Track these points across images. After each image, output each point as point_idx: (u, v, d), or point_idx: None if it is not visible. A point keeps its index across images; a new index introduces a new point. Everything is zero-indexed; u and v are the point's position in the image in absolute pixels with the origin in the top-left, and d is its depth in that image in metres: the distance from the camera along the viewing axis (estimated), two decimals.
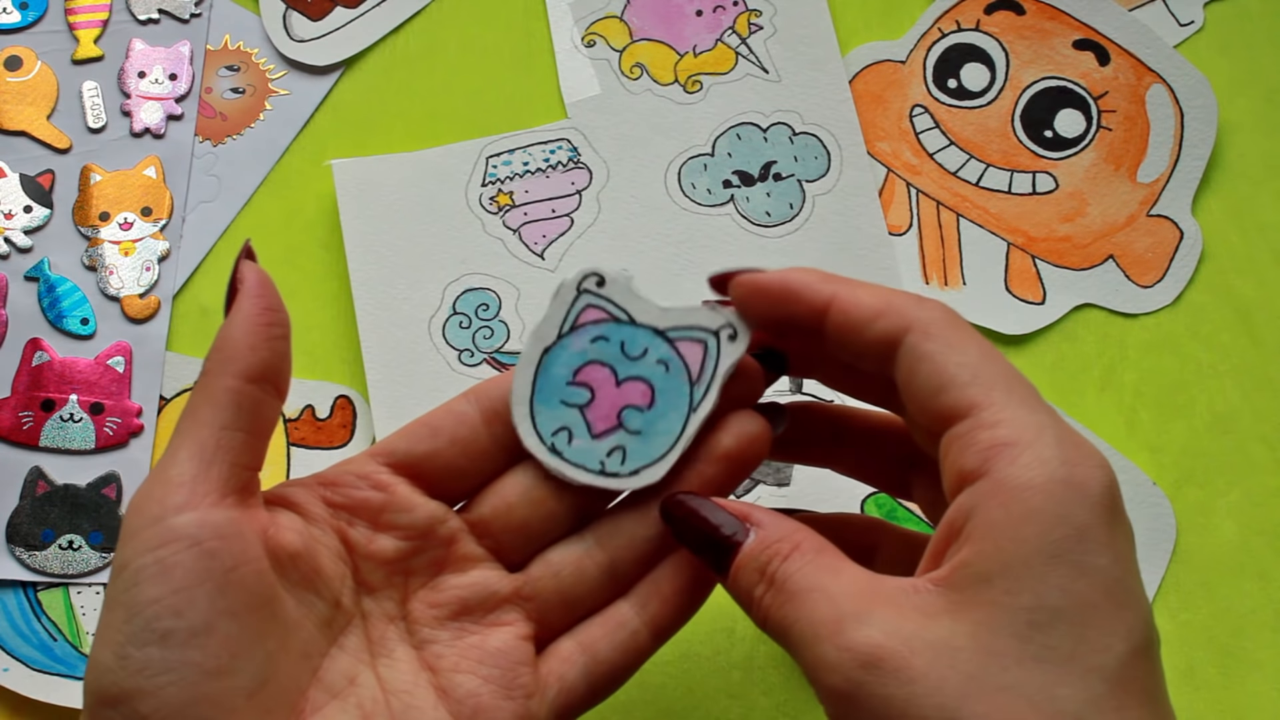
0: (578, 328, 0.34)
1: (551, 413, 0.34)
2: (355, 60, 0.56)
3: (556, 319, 0.34)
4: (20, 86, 0.55)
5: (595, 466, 0.33)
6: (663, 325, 0.34)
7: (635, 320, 0.34)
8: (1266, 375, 0.50)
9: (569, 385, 0.34)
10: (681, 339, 0.34)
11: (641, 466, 0.33)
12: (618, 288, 0.34)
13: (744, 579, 0.31)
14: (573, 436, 0.34)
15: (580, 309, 0.34)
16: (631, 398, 0.34)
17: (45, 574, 0.48)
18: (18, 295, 0.52)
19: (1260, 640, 0.46)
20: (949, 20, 0.55)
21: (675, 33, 0.55)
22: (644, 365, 0.34)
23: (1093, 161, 0.53)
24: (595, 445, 0.33)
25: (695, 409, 0.33)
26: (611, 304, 0.34)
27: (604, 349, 0.34)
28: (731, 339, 0.33)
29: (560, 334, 0.34)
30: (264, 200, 0.54)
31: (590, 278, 0.34)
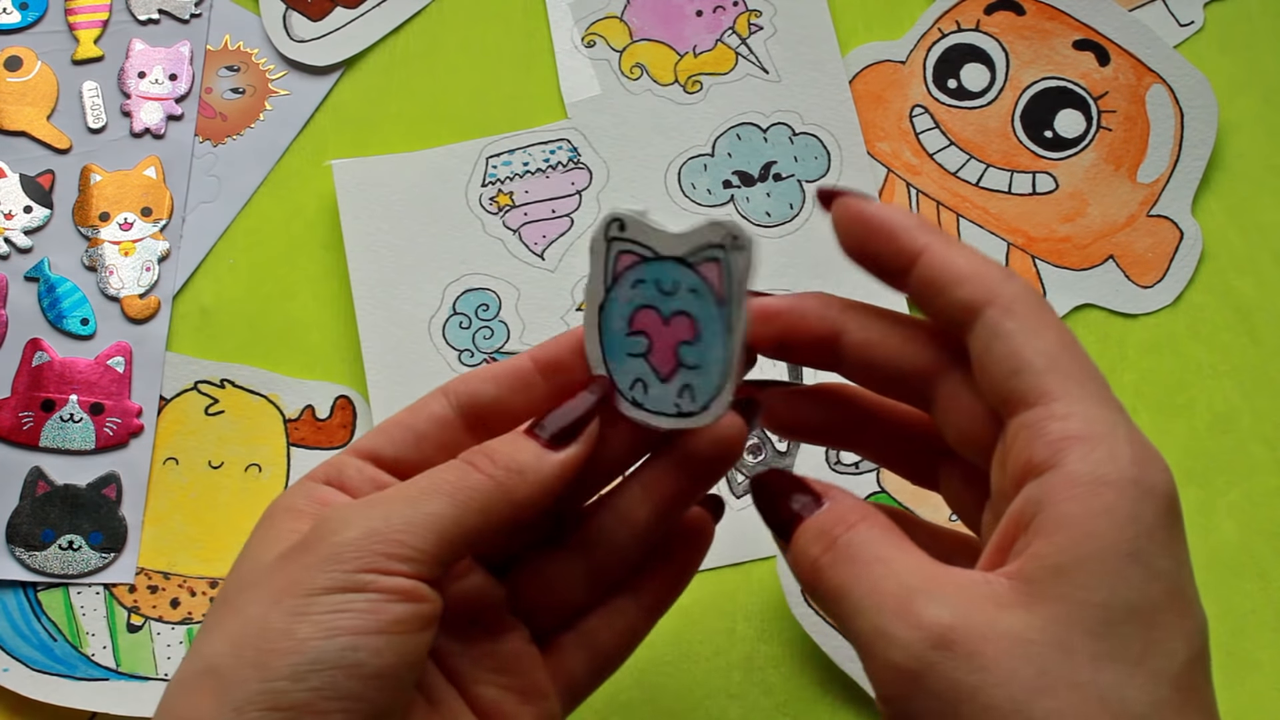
0: (618, 277, 0.34)
1: (624, 368, 0.34)
2: (355, 60, 0.56)
3: (599, 274, 0.34)
4: (20, 87, 0.55)
5: (672, 409, 0.34)
6: (682, 252, 0.34)
7: (660, 254, 0.34)
8: (1266, 375, 0.50)
9: (628, 336, 0.34)
10: (700, 262, 0.34)
11: (709, 400, 0.33)
12: (636, 227, 0.34)
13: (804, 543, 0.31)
14: (647, 386, 0.34)
15: (615, 257, 0.34)
16: (680, 333, 0.34)
17: (45, 574, 0.48)
18: (18, 295, 0.52)
19: (1260, 640, 0.46)
20: (949, 20, 0.55)
21: (675, 33, 0.55)
22: (680, 298, 0.34)
23: (1093, 162, 0.53)
24: (666, 389, 0.34)
25: (731, 330, 0.33)
26: (637, 244, 0.34)
27: (644, 291, 0.34)
28: (736, 248, 0.33)
29: (606, 288, 0.34)
30: (264, 200, 0.54)
31: (613, 224, 0.34)
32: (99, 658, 0.47)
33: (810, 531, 0.31)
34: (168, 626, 0.47)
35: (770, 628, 0.46)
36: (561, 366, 0.34)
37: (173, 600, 0.48)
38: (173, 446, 0.50)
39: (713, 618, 0.47)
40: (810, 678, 0.46)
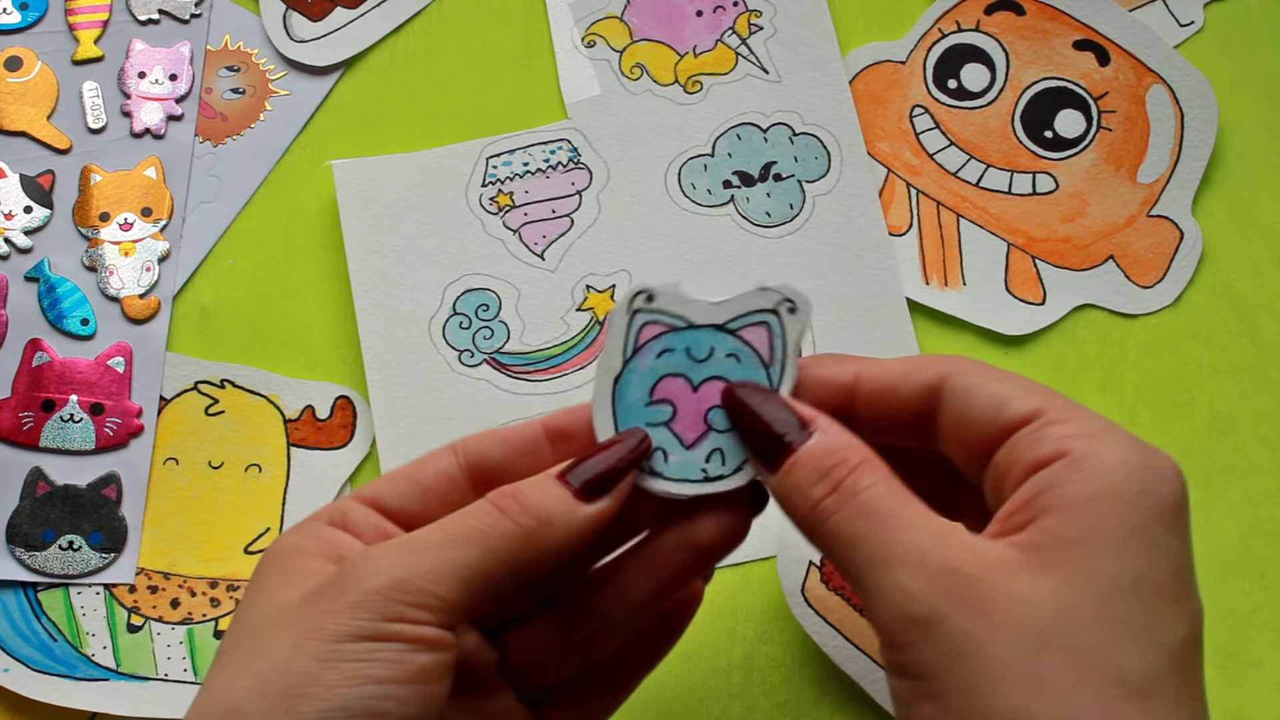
0: (640, 348, 0.34)
1: None
2: (355, 60, 0.56)
3: (618, 346, 0.34)
4: (20, 87, 0.55)
5: (698, 475, 0.33)
6: (721, 320, 0.33)
7: (694, 323, 0.34)
8: (1266, 375, 0.50)
9: (649, 406, 0.33)
10: (743, 327, 0.33)
11: (742, 461, 0.33)
12: (668, 298, 0.34)
13: (801, 477, 0.31)
14: (668, 455, 0.33)
15: (638, 329, 0.34)
16: (713, 399, 0.33)
17: (45, 574, 0.48)
18: (18, 296, 0.52)
19: (1260, 640, 0.46)
20: (949, 20, 0.55)
21: (675, 33, 0.55)
22: (715, 364, 0.33)
23: (1093, 162, 0.53)
24: (692, 455, 0.33)
25: (778, 388, 0.33)
26: (666, 314, 0.34)
27: (672, 360, 0.34)
28: (792, 312, 0.33)
29: (625, 359, 0.34)
30: (264, 200, 0.54)
31: (639, 295, 0.34)
32: (99, 658, 0.47)
33: (808, 468, 0.31)
34: (168, 627, 0.47)
35: (770, 628, 0.46)
36: (572, 437, 0.34)
37: (173, 600, 0.48)
38: (173, 446, 0.50)
39: (713, 618, 0.47)
40: (810, 678, 0.46)
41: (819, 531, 0.31)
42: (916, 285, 0.51)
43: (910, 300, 0.51)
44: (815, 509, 0.31)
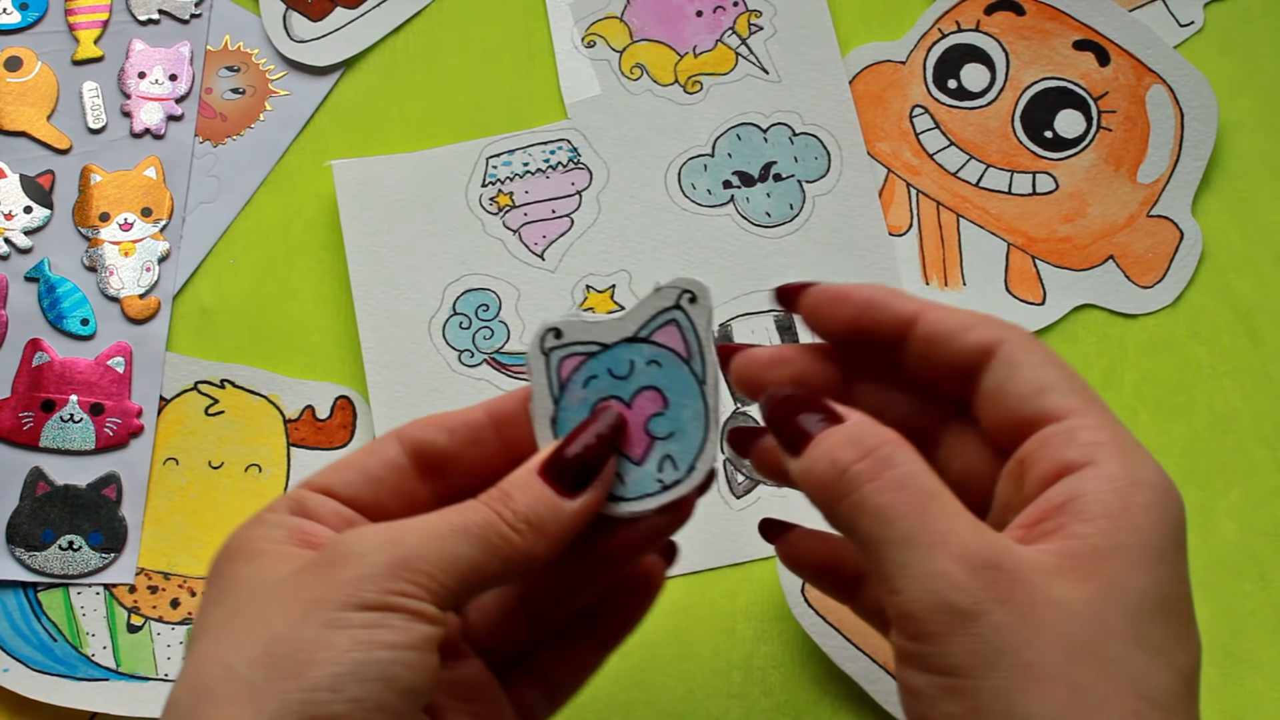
0: (566, 383, 0.34)
1: None
2: (355, 60, 0.56)
3: (544, 388, 0.34)
4: (20, 87, 0.55)
5: (655, 487, 0.33)
6: (631, 331, 0.34)
7: (607, 344, 0.34)
8: (1266, 375, 0.50)
9: None
10: (654, 331, 0.34)
11: (694, 459, 0.33)
12: (574, 328, 0.34)
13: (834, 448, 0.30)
14: (623, 477, 0.34)
15: (557, 365, 0.34)
16: (647, 409, 0.34)
17: (45, 574, 0.48)
18: (18, 296, 0.52)
19: (1260, 640, 0.46)
20: (949, 21, 0.55)
21: (675, 33, 0.55)
22: (640, 375, 0.34)
23: (1093, 162, 0.53)
24: (644, 470, 0.33)
25: (704, 380, 0.33)
26: (578, 345, 0.34)
27: (599, 385, 0.34)
28: (693, 301, 0.34)
29: (555, 399, 0.34)
30: (264, 200, 0.54)
31: (548, 334, 0.34)
32: (99, 658, 0.47)
33: (837, 437, 0.31)
34: (168, 627, 0.47)
35: (770, 628, 0.46)
36: (516, 420, 0.34)
37: (173, 600, 0.48)
38: (173, 446, 0.50)
39: (713, 618, 0.47)
40: (810, 678, 0.46)
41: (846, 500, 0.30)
42: (916, 285, 0.51)
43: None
44: (844, 474, 0.30)
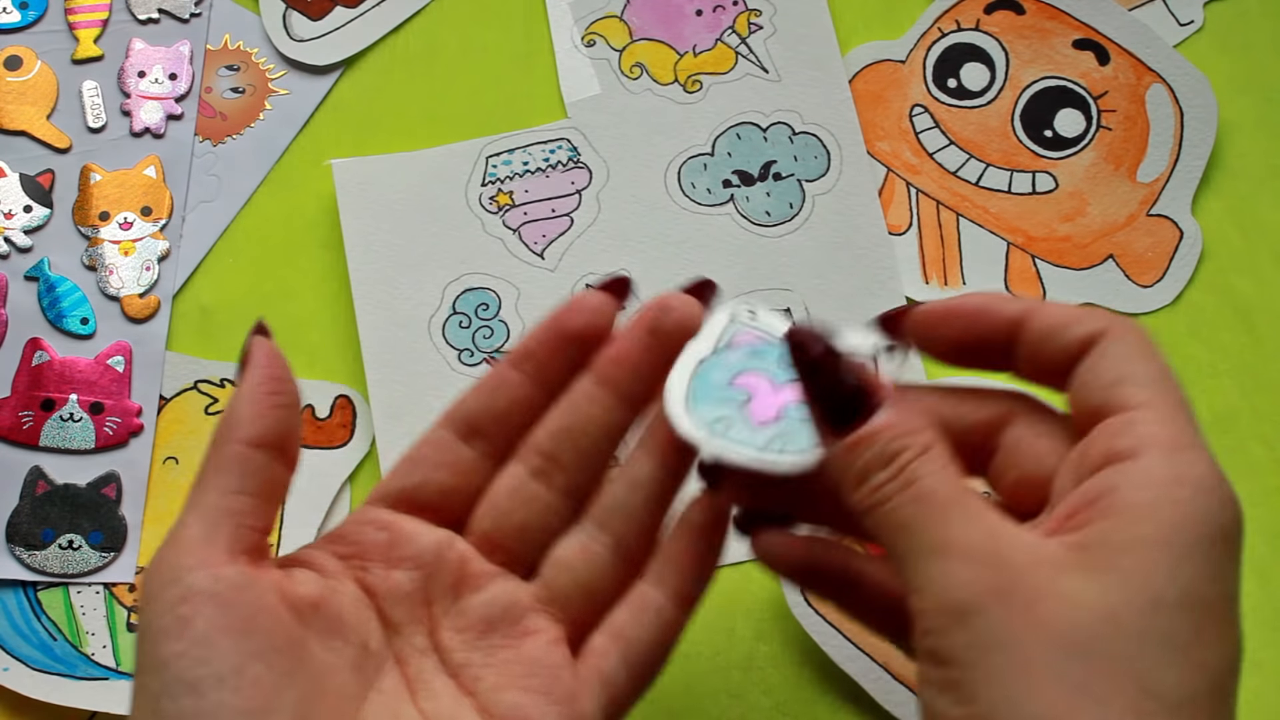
0: (733, 345, 0.34)
1: (710, 406, 0.34)
2: (355, 60, 0.56)
3: (712, 336, 0.34)
4: (20, 86, 0.55)
5: (757, 447, 0.33)
6: None
7: None
8: (1266, 375, 0.50)
9: (728, 387, 0.34)
10: None
11: (806, 448, 0.32)
12: (773, 321, 0.35)
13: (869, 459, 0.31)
14: (732, 425, 0.33)
15: (734, 332, 0.35)
16: (793, 397, 0.33)
17: (45, 574, 0.48)
18: (18, 295, 0.52)
19: (1260, 640, 0.46)
20: (949, 20, 0.55)
21: (675, 32, 0.55)
22: None
23: (1093, 161, 0.53)
24: (756, 432, 0.33)
25: None
26: (766, 330, 0.35)
27: (760, 361, 0.34)
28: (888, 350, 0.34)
29: (716, 350, 0.34)
30: (264, 200, 0.54)
31: (745, 310, 0.35)
32: (99, 657, 0.47)
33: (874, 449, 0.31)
34: None
35: (770, 628, 0.46)
36: (533, 356, 0.35)
37: None
38: (173, 446, 0.50)
39: (713, 617, 0.47)
40: (810, 678, 0.46)
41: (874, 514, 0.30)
42: (916, 284, 0.51)
43: (910, 299, 0.51)
44: (876, 492, 0.30)
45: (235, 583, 0.30)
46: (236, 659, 0.29)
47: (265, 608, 0.31)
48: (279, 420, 0.33)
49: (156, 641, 0.30)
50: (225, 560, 0.31)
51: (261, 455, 0.33)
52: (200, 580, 0.30)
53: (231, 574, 0.30)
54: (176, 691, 0.29)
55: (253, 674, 0.29)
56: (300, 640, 0.31)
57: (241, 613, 0.30)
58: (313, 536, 0.48)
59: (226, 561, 0.31)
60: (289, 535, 0.48)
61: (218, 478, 0.32)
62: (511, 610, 0.34)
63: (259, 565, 0.32)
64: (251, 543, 0.32)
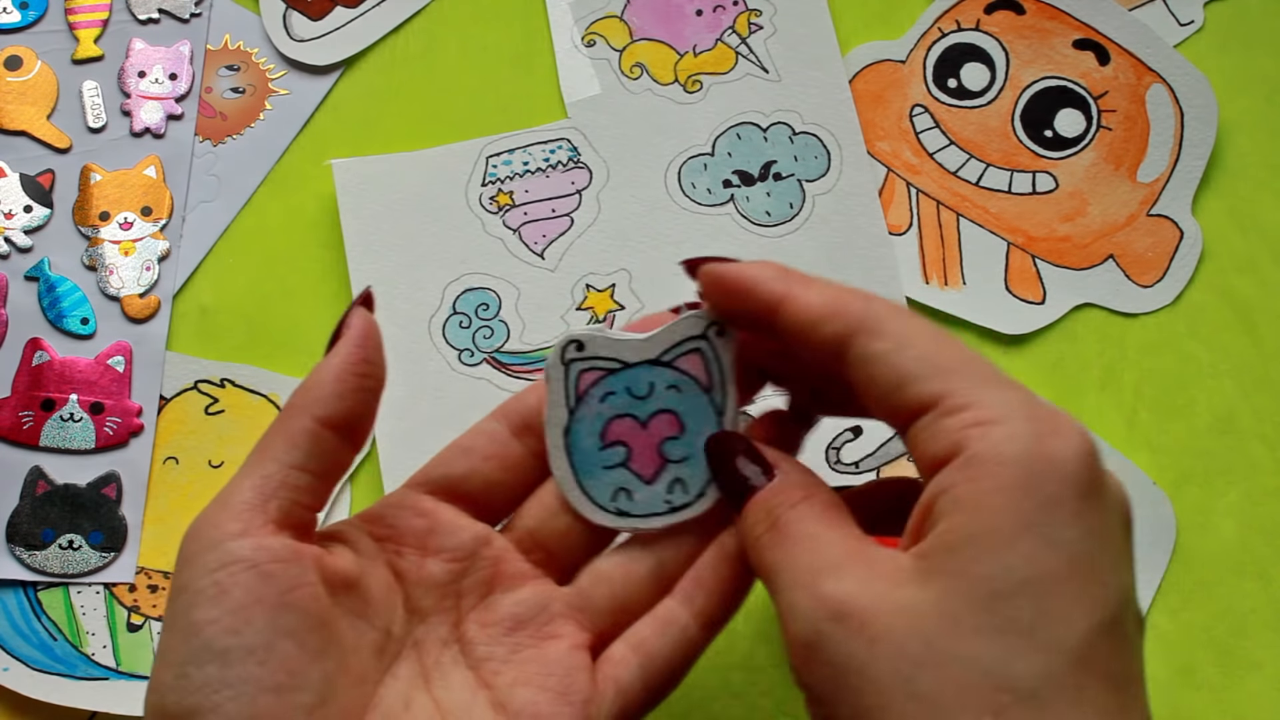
0: (583, 396, 0.34)
1: (600, 482, 0.34)
2: (355, 60, 0.56)
3: (559, 398, 0.34)
4: (20, 86, 0.55)
5: (663, 508, 0.34)
6: (655, 353, 0.34)
7: (628, 362, 0.34)
8: (1266, 375, 0.50)
9: (603, 450, 0.34)
10: (677, 357, 0.34)
11: (705, 486, 0.34)
12: (597, 343, 0.34)
13: (752, 519, 0.32)
14: (631, 493, 0.34)
15: (575, 377, 0.35)
16: (663, 431, 0.34)
17: (45, 574, 0.48)
18: (18, 295, 0.52)
19: (1260, 640, 0.46)
20: (949, 20, 0.55)
21: (675, 32, 0.55)
22: (658, 398, 0.34)
23: (1093, 161, 0.53)
24: (654, 489, 0.34)
25: (723, 411, 0.34)
26: (600, 359, 0.34)
27: (615, 402, 0.34)
28: (721, 334, 0.34)
29: (570, 410, 0.34)
30: (264, 200, 0.54)
31: (570, 346, 0.35)
32: (99, 657, 0.47)
33: (759, 508, 0.32)
34: None
35: (770, 628, 0.46)
36: None
37: None
38: (173, 446, 0.50)
39: None
40: None
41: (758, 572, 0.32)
42: (916, 284, 0.51)
43: (910, 299, 0.51)
44: (754, 544, 0.31)
45: (278, 554, 0.30)
46: (269, 634, 0.29)
47: (304, 583, 0.30)
48: (360, 403, 0.33)
49: (191, 604, 0.29)
50: (271, 531, 0.31)
51: (333, 436, 0.32)
52: (243, 548, 0.30)
53: (275, 545, 0.30)
54: (204, 658, 0.29)
55: (283, 650, 0.29)
56: (332, 619, 0.31)
57: (279, 586, 0.30)
58: None
59: (272, 532, 0.31)
60: None
61: (283, 449, 0.32)
62: (541, 613, 0.34)
63: (303, 539, 0.31)
64: (301, 519, 0.32)
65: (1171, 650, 0.46)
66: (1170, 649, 0.46)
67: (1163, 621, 0.46)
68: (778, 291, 0.32)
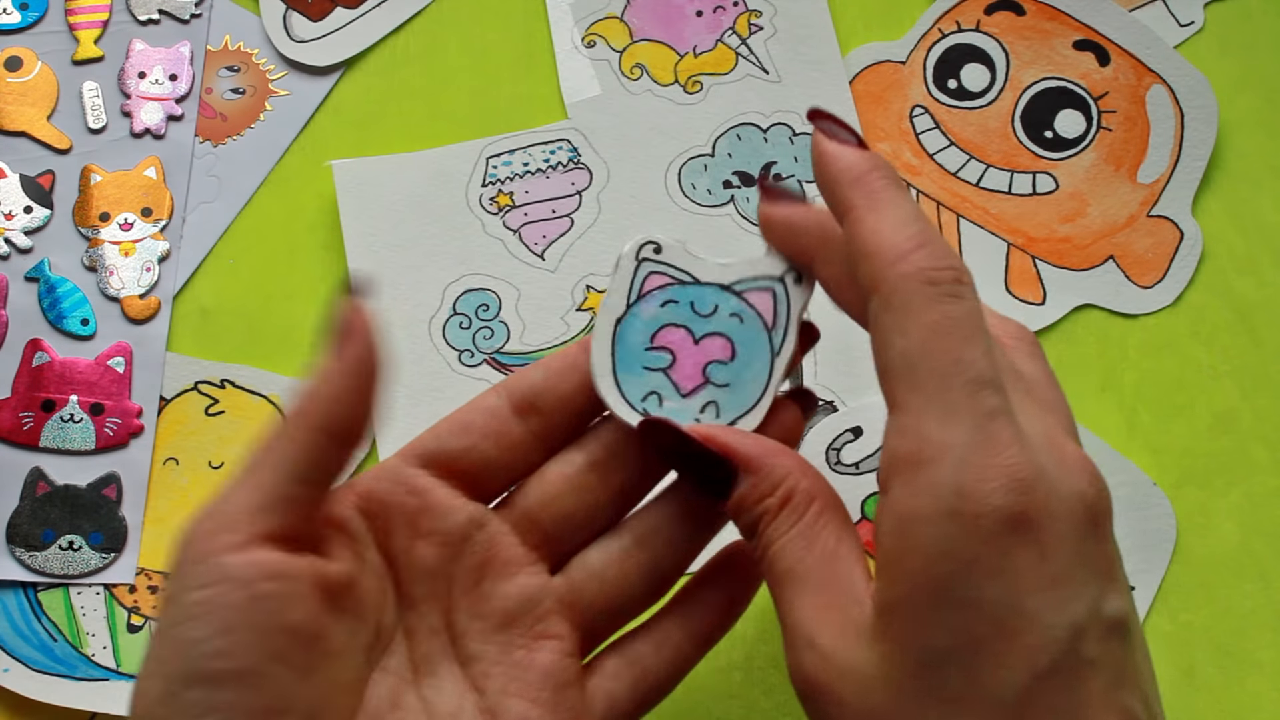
0: (645, 295, 0.34)
1: (637, 380, 0.34)
2: (355, 60, 0.56)
3: (623, 289, 0.34)
4: (20, 87, 0.55)
5: (691, 420, 0.33)
6: (728, 280, 0.34)
7: (700, 280, 0.34)
8: (1266, 375, 0.50)
9: (648, 351, 0.34)
10: (749, 290, 0.34)
11: (737, 416, 0.33)
12: (675, 252, 0.34)
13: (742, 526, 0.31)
14: (663, 399, 0.34)
15: (643, 277, 0.34)
16: (713, 353, 0.34)
17: (45, 574, 0.48)
18: (18, 296, 0.52)
19: (1260, 640, 0.46)
20: (949, 21, 0.55)
21: (675, 33, 0.55)
22: (718, 320, 0.34)
23: (1093, 162, 0.53)
24: (686, 404, 0.33)
25: (778, 353, 0.33)
26: (673, 268, 0.34)
27: (675, 311, 0.34)
28: (798, 281, 0.34)
29: (629, 303, 0.34)
30: (264, 200, 0.54)
31: (647, 245, 0.34)
32: (99, 658, 0.47)
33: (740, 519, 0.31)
34: None
35: (770, 628, 0.46)
36: None
37: None
38: (173, 447, 0.50)
39: None
40: None
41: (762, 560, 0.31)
42: None
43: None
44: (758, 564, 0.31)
45: (271, 571, 0.29)
46: (259, 657, 0.28)
47: (297, 598, 0.29)
48: (358, 406, 0.31)
49: (181, 619, 0.29)
50: (265, 545, 0.29)
51: (331, 443, 0.31)
52: (235, 565, 0.29)
53: (269, 561, 0.29)
54: (192, 679, 0.28)
55: (273, 674, 0.29)
56: (324, 630, 0.30)
57: (271, 606, 0.29)
58: None
59: (267, 546, 0.29)
60: None
61: (282, 458, 0.30)
62: (532, 609, 0.33)
63: (299, 550, 0.30)
64: (298, 530, 0.30)
65: (1171, 650, 0.46)
66: (1170, 649, 0.46)
67: (1163, 622, 0.46)
68: (847, 200, 0.30)
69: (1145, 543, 0.47)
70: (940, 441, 0.27)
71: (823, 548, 0.30)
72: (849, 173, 0.30)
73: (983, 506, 0.26)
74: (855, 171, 0.30)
